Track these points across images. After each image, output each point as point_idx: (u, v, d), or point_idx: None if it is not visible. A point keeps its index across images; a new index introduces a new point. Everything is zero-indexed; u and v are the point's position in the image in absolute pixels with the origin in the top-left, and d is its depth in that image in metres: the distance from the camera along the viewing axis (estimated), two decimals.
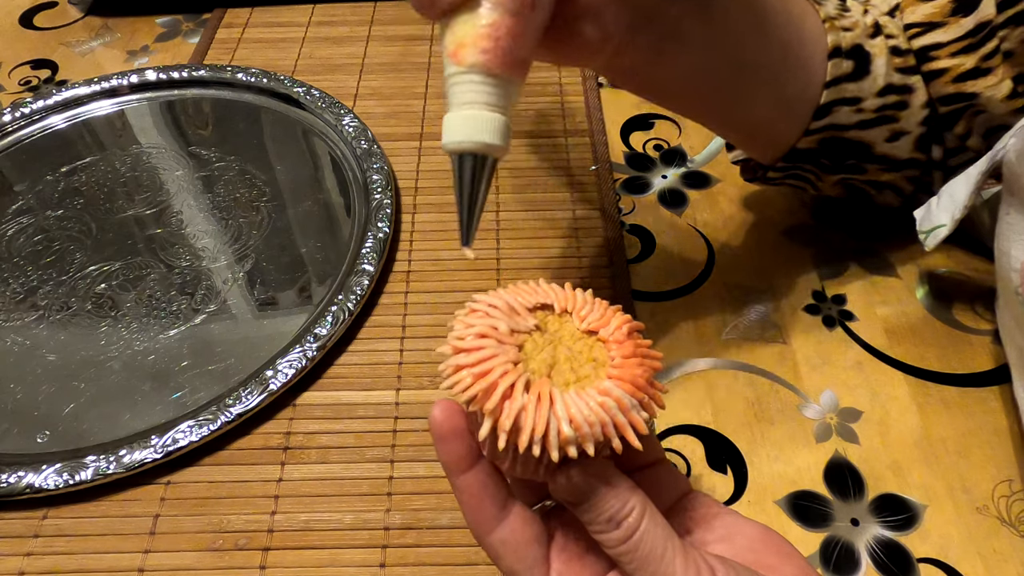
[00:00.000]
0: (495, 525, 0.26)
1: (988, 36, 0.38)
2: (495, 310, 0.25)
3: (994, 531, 0.35)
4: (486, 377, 0.23)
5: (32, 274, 0.48)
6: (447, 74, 0.27)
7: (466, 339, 0.24)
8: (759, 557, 0.26)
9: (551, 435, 0.23)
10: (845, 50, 0.38)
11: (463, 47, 0.26)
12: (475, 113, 0.26)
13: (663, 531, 0.24)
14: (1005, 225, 0.36)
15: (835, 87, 0.38)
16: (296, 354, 0.41)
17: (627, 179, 0.53)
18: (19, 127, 0.57)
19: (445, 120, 0.27)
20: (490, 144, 0.27)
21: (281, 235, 0.50)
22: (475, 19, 0.26)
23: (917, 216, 0.40)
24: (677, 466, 0.38)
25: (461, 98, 0.27)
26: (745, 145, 0.43)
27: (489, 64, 0.26)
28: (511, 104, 0.27)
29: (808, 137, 0.40)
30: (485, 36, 0.26)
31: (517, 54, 0.27)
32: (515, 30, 0.26)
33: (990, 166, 0.36)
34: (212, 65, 0.60)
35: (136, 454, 0.38)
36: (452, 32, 0.27)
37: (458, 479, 0.26)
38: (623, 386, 0.24)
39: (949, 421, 0.39)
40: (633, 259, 0.48)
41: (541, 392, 0.23)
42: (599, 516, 0.24)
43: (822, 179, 0.44)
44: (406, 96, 0.60)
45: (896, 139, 0.41)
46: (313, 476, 0.38)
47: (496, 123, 0.27)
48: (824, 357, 0.42)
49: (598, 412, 0.23)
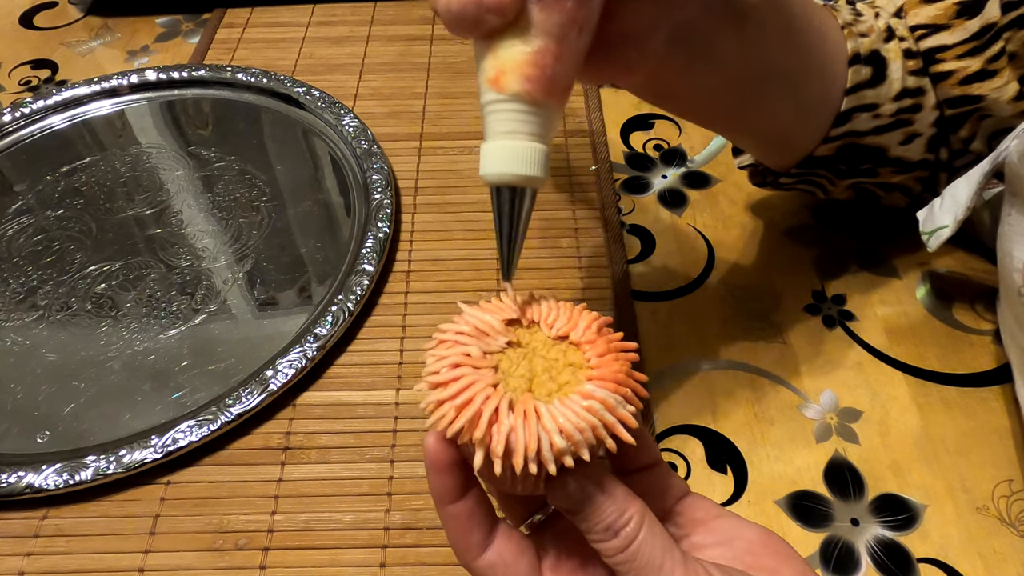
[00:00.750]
0: (481, 551, 0.26)
1: (994, 38, 0.38)
2: (464, 336, 0.25)
3: (994, 531, 0.35)
4: (469, 407, 0.23)
5: (32, 274, 0.48)
6: (485, 100, 0.25)
7: (440, 372, 0.24)
8: (759, 560, 0.26)
9: (544, 450, 0.23)
10: (864, 56, 0.38)
11: (505, 74, 0.24)
12: (516, 144, 0.25)
13: (662, 541, 0.24)
14: (1008, 226, 0.36)
15: (855, 94, 0.38)
16: (296, 354, 0.41)
17: (627, 179, 0.53)
18: (19, 127, 0.57)
19: (483, 149, 0.26)
20: (531, 176, 0.25)
21: (281, 235, 0.50)
22: (520, 44, 0.24)
23: (920, 217, 0.40)
24: (677, 467, 0.38)
25: (501, 127, 0.25)
26: (761, 152, 0.43)
27: (533, 93, 0.25)
28: (552, 132, 0.26)
29: (826, 144, 0.40)
30: (530, 63, 0.24)
31: (562, 82, 0.25)
32: (561, 57, 0.25)
33: (992, 167, 0.36)
34: (212, 65, 0.60)
35: (136, 454, 0.38)
36: (495, 57, 0.25)
37: (446, 508, 0.26)
38: (605, 385, 0.24)
39: (949, 421, 0.39)
40: (633, 259, 0.48)
41: (527, 409, 0.23)
42: (596, 525, 0.24)
43: (835, 184, 0.44)
44: (406, 96, 0.60)
45: (910, 141, 0.41)
46: (313, 476, 0.38)
47: (537, 153, 0.25)
48: (824, 357, 0.42)
49: (586, 416, 0.23)
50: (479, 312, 0.25)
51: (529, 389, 0.24)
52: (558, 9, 0.24)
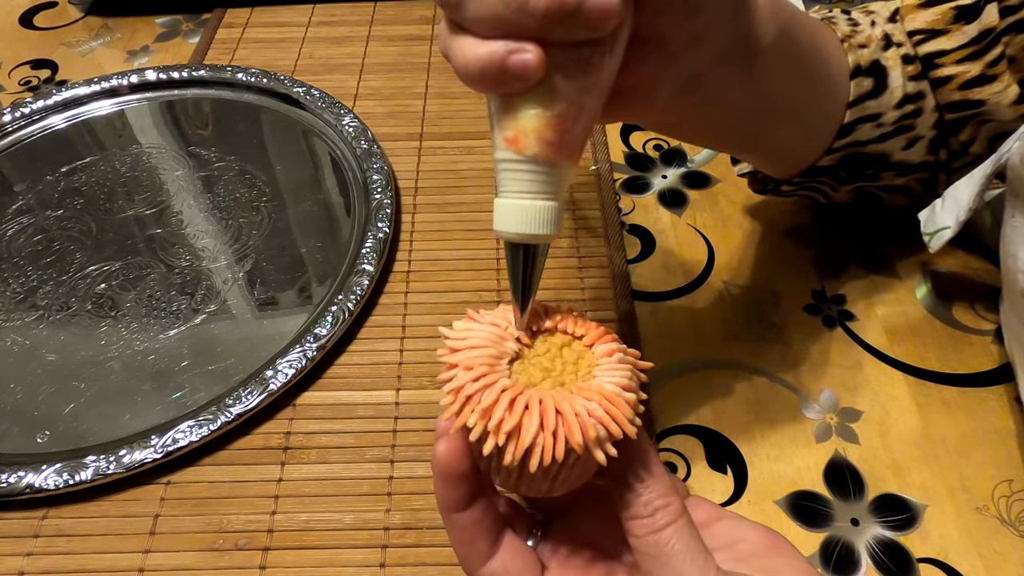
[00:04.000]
0: (486, 560, 0.26)
1: (993, 43, 0.38)
2: (478, 339, 0.25)
3: (994, 531, 0.35)
4: (498, 407, 0.23)
5: (32, 274, 0.48)
6: (500, 157, 0.25)
7: (462, 374, 0.24)
8: (763, 562, 0.26)
9: (590, 438, 0.23)
10: (865, 68, 0.38)
11: (524, 136, 0.24)
12: (531, 204, 0.25)
13: (697, 543, 0.24)
14: (1011, 228, 0.36)
15: (858, 106, 0.38)
16: (296, 354, 0.41)
17: (627, 179, 0.53)
18: (19, 127, 0.57)
19: (497, 205, 0.26)
20: (544, 235, 0.25)
21: (281, 235, 0.50)
22: (540, 108, 0.24)
23: (921, 218, 0.40)
24: (676, 467, 0.38)
25: (516, 186, 0.25)
26: (762, 165, 0.43)
27: (551, 156, 0.25)
28: (565, 186, 0.26)
29: (830, 155, 0.40)
30: (550, 127, 0.24)
31: (578, 143, 0.25)
32: (579, 119, 0.25)
33: (994, 169, 0.36)
34: (212, 65, 0.60)
35: (136, 454, 0.38)
36: (514, 119, 0.24)
37: (452, 516, 0.26)
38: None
39: (949, 421, 0.39)
40: (633, 259, 0.48)
41: (571, 404, 0.24)
42: (640, 497, 0.24)
43: (837, 189, 0.44)
44: (406, 96, 0.60)
45: (912, 146, 0.41)
46: (313, 476, 0.38)
47: (551, 212, 0.25)
48: (824, 357, 0.42)
49: (617, 398, 0.24)
50: (490, 316, 0.26)
51: (532, 385, 0.25)
52: (580, 74, 0.24)
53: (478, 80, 0.24)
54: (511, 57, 0.22)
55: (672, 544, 0.23)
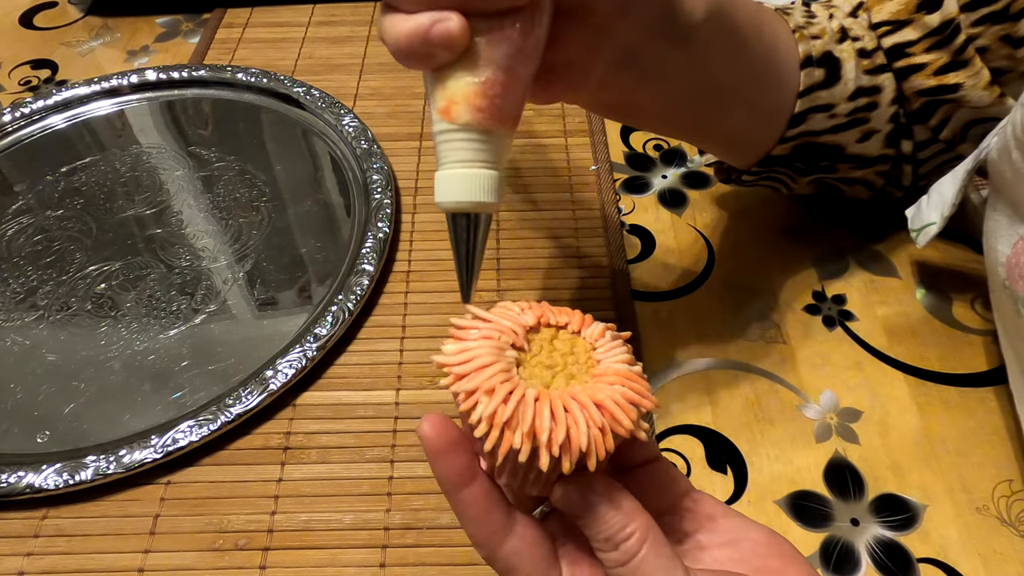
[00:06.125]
0: (505, 536, 0.24)
1: (955, 32, 0.38)
2: (481, 337, 0.25)
3: (994, 531, 0.35)
4: (510, 403, 0.23)
5: (32, 274, 0.48)
6: (436, 130, 0.26)
7: (471, 373, 0.24)
8: (765, 562, 0.26)
9: (634, 421, 0.23)
10: (816, 58, 0.38)
11: (455, 104, 0.25)
12: (468, 172, 0.26)
13: (666, 562, 0.23)
14: (992, 221, 0.36)
15: (808, 96, 0.39)
16: (296, 354, 0.41)
17: (627, 179, 0.53)
18: (19, 127, 0.57)
19: (437, 178, 0.27)
20: (484, 203, 0.26)
21: (281, 235, 0.50)
22: (468, 75, 0.25)
23: (908, 215, 0.40)
24: (676, 465, 0.38)
25: (453, 156, 0.26)
26: (721, 154, 0.44)
27: (483, 122, 0.25)
28: (504, 156, 0.27)
29: (783, 144, 0.40)
30: (479, 94, 0.25)
31: (511, 110, 0.26)
32: (508, 86, 0.26)
33: (975, 164, 0.36)
34: (212, 65, 0.60)
35: (136, 454, 0.38)
36: (443, 88, 0.26)
37: (461, 494, 0.24)
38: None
39: (949, 421, 0.39)
40: (633, 259, 0.48)
41: (576, 397, 0.23)
42: (598, 534, 0.23)
43: (796, 180, 0.44)
44: (406, 96, 0.60)
45: (867, 139, 0.41)
46: (313, 476, 0.38)
47: (490, 180, 0.26)
48: (824, 357, 0.42)
49: (633, 374, 0.24)
50: (492, 315, 0.26)
51: (548, 386, 0.24)
52: (504, 41, 0.25)
53: (408, 54, 0.25)
54: (435, 27, 0.24)
55: (642, 573, 0.23)
